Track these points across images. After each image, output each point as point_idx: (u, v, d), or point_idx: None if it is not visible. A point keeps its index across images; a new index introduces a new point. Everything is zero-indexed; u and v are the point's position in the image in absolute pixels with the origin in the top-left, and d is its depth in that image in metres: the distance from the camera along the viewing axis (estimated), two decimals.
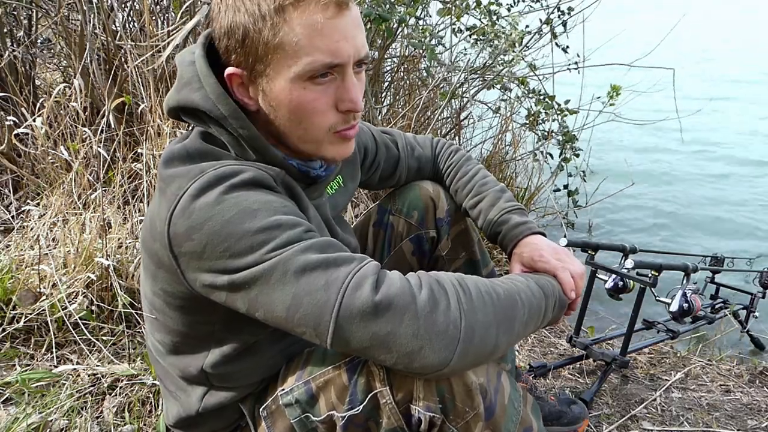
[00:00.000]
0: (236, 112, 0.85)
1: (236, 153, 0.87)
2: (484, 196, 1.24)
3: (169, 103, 0.90)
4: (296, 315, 0.75)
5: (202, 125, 0.88)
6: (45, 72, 2.86)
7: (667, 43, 2.85)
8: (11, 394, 1.39)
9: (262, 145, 0.87)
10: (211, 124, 0.87)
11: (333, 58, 0.81)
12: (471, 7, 2.68)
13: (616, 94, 2.75)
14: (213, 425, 1.00)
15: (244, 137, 0.86)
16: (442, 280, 0.79)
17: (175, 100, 0.88)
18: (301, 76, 0.81)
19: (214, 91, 0.85)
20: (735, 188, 4.30)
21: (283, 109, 0.85)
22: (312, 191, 0.97)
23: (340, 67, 0.83)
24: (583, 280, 1.06)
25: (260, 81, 0.84)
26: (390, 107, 3.13)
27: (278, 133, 0.88)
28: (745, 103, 6.75)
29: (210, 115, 0.85)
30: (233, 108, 0.85)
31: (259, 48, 0.81)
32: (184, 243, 0.78)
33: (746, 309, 2.41)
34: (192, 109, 0.87)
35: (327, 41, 0.80)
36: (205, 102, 0.85)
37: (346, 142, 0.91)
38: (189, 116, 0.89)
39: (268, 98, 0.85)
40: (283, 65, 0.81)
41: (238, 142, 0.87)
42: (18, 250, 1.72)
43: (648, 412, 1.62)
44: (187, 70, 0.87)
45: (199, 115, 0.87)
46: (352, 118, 0.88)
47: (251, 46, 0.81)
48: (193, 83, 0.86)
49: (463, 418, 0.83)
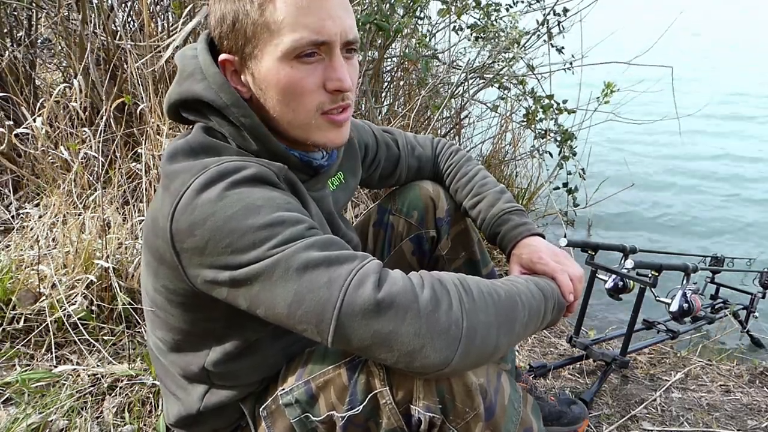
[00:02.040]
0: (239, 100, 0.85)
1: (238, 144, 0.88)
2: (483, 196, 1.24)
3: (171, 98, 0.90)
4: (298, 312, 0.75)
5: (202, 119, 0.88)
6: (45, 72, 2.86)
7: (668, 42, 2.85)
8: (11, 394, 1.39)
9: (263, 134, 0.87)
10: (212, 116, 0.87)
11: (318, 36, 0.82)
12: (471, 7, 2.68)
13: (610, 92, 2.75)
14: (213, 424, 1.00)
15: (246, 126, 0.86)
16: (444, 280, 0.79)
17: (176, 93, 0.88)
18: (287, 55, 0.82)
19: (216, 81, 0.85)
20: (735, 188, 4.30)
21: (272, 91, 0.85)
22: (314, 183, 0.97)
23: (326, 45, 0.84)
24: (581, 283, 1.06)
25: (250, 64, 0.85)
26: (390, 107, 3.13)
27: (269, 119, 0.88)
28: (746, 101, 6.75)
29: (213, 106, 0.85)
30: (236, 97, 0.85)
31: (248, 29, 0.83)
32: (186, 239, 0.78)
33: (746, 309, 2.41)
34: (193, 102, 0.87)
35: (312, 19, 0.81)
36: (208, 92, 0.85)
37: (336, 127, 0.90)
38: (189, 111, 0.89)
39: (258, 81, 0.86)
40: (270, 44, 0.82)
41: (240, 132, 0.87)
42: (18, 251, 1.72)
43: (648, 413, 1.62)
44: (189, 63, 0.88)
45: (200, 109, 0.88)
46: (340, 98, 0.87)
47: (240, 29, 0.83)
48: (196, 75, 0.87)
49: (463, 418, 0.83)
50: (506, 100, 3.09)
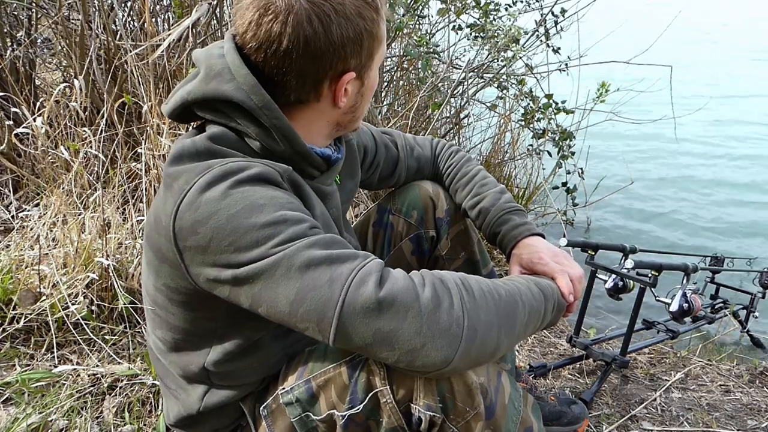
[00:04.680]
0: (270, 102, 0.85)
1: (262, 143, 0.87)
2: (483, 196, 1.24)
3: (191, 96, 0.87)
4: (299, 310, 0.75)
5: (221, 119, 0.87)
6: (45, 72, 2.86)
7: (670, 42, 2.85)
8: (11, 394, 1.39)
9: (293, 135, 0.87)
10: (237, 117, 0.86)
11: None
12: (470, 7, 2.69)
13: (606, 92, 2.76)
14: (213, 424, 1.00)
15: (277, 127, 0.86)
16: (445, 279, 0.79)
17: (200, 91, 0.86)
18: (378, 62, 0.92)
19: (247, 82, 0.84)
20: (735, 188, 4.30)
21: (368, 94, 0.95)
22: (326, 177, 0.99)
23: None
24: (581, 283, 1.06)
25: (364, 73, 0.91)
26: (390, 106, 3.13)
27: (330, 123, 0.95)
28: (747, 102, 6.75)
29: (242, 107, 0.84)
30: (267, 99, 0.85)
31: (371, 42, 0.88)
32: (189, 237, 0.79)
33: (746, 309, 2.41)
34: (217, 101, 0.86)
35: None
36: (239, 93, 0.84)
37: None
38: (207, 110, 0.88)
39: (363, 89, 0.93)
40: (380, 53, 0.91)
41: (269, 133, 0.86)
42: (18, 250, 1.72)
43: (648, 412, 1.62)
44: (217, 62, 0.86)
45: (222, 109, 0.86)
46: None
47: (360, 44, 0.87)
48: (224, 74, 0.85)
49: (464, 417, 0.83)
50: (504, 99, 3.09)
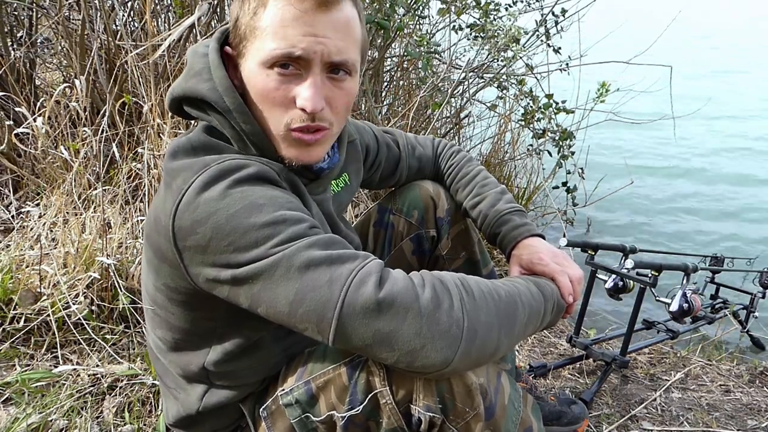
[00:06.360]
0: (241, 106, 0.85)
1: (238, 147, 0.88)
2: (484, 197, 1.24)
3: (174, 92, 0.90)
4: (299, 311, 0.75)
5: (204, 117, 0.89)
6: (45, 72, 2.86)
7: (671, 41, 2.84)
8: (11, 394, 1.39)
9: (262, 141, 0.87)
10: (214, 117, 0.87)
11: (293, 50, 0.81)
12: (470, 7, 2.69)
13: (605, 92, 2.76)
14: (213, 425, 1.00)
15: (246, 132, 0.86)
16: (445, 280, 0.79)
17: (181, 89, 0.89)
18: (265, 62, 0.82)
19: (222, 83, 0.85)
20: (735, 188, 4.30)
21: (252, 91, 0.86)
22: (315, 186, 0.97)
23: (304, 61, 0.82)
24: (581, 284, 1.06)
25: (241, 61, 0.87)
26: (390, 106, 3.14)
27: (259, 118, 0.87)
28: (747, 102, 6.75)
29: (215, 108, 0.86)
30: (239, 102, 0.85)
31: (245, 29, 0.84)
32: (188, 237, 0.78)
33: (746, 309, 2.41)
34: (196, 99, 0.87)
35: (293, 32, 0.81)
36: (212, 93, 0.85)
37: (303, 146, 0.87)
38: (192, 107, 0.89)
39: (245, 79, 0.86)
40: (255, 47, 0.83)
41: (240, 137, 0.87)
42: (18, 250, 1.72)
43: (648, 412, 1.62)
44: (198, 61, 0.88)
45: (203, 107, 0.88)
46: (310, 119, 0.85)
47: (239, 26, 0.85)
48: (203, 74, 0.87)
49: (463, 418, 0.83)
50: (504, 99, 3.09)
